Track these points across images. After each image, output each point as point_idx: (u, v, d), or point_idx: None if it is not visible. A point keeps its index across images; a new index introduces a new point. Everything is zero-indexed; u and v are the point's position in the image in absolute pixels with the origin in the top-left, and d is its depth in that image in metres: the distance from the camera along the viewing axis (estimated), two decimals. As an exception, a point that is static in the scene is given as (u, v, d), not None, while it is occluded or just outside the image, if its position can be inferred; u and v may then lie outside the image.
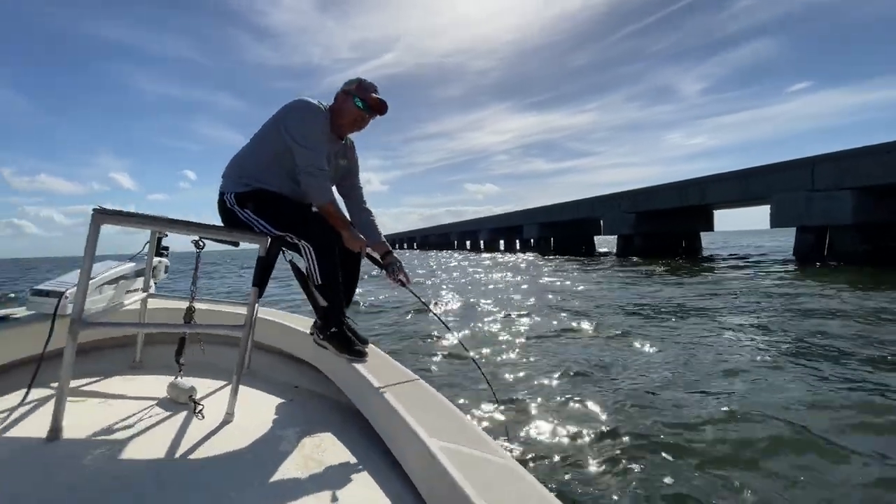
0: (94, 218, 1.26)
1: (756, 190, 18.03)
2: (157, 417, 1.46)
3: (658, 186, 22.92)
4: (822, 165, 15.52)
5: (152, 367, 1.97)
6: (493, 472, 1.03)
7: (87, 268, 1.27)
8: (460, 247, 55.13)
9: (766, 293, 8.17)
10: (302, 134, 1.71)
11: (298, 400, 1.81)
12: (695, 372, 3.72)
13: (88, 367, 1.84)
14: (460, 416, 1.34)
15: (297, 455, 1.30)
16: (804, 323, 5.48)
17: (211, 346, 2.12)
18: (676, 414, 2.89)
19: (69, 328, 1.24)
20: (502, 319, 6.39)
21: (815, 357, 4.01)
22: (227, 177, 1.81)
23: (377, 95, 1.85)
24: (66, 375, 1.25)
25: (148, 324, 2.00)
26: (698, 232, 25.33)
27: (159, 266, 2.22)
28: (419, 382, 1.58)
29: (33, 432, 1.26)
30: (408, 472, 1.21)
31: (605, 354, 4.35)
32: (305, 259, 1.71)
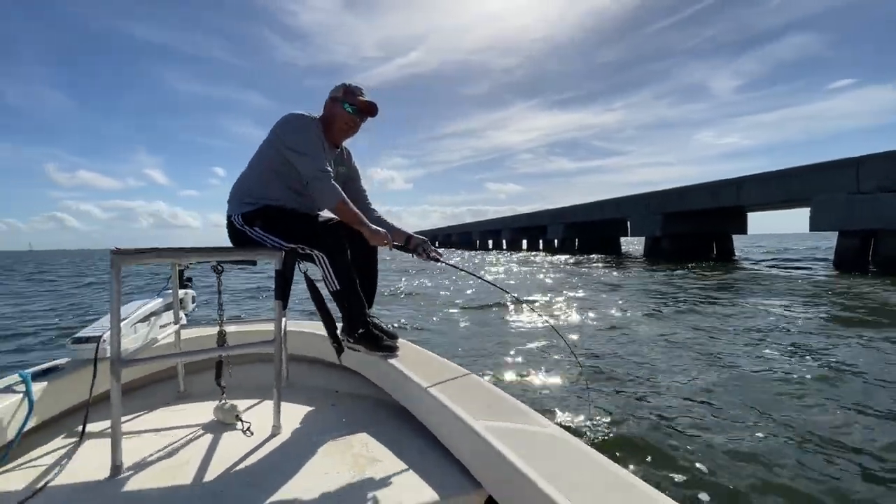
0: (114, 260, 1.31)
1: (795, 191, 17.21)
2: (209, 441, 1.52)
3: (689, 187, 22.16)
4: (867, 165, 14.67)
5: (196, 395, 2.05)
6: (543, 443, 1.05)
7: (116, 308, 1.32)
8: (482, 246, 54.77)
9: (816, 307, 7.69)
10: (298, 142, 1.73)
11: (340, 404, 1.89)
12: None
13: (136, 405, 1.92)
14: (501, 394, 1.37)
15: (348, 455, 1.36)
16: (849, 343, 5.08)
17: (247, 366, 2.22)
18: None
19: (111, 368, 1.31)
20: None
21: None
22: (231, 201, 1.84)
23: (364, 98, 1.88)
24: (117, 413, 1.31)
25: (183, 353, 2.04)
26: (731, 234, 24.45)
27: (186, 298, 2.30)
28: (454, 367, 1.64)
29: (94, 472, 1.32)
30: (458, 456, 1.24)
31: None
32: (320, 267, 1.73)
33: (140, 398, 2.02)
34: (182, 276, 2.18)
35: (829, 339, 4.84)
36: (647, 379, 3.60)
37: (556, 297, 8.62)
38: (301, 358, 2.28)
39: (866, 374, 3.59)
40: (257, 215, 1.78)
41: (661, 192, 23.94)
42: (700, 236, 23.02)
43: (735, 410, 2.95)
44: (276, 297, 1.62)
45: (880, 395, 3.15)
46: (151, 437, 1.59)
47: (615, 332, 5.37)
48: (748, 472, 2.26)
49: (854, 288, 9.22)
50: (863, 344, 4.59)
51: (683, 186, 22.55)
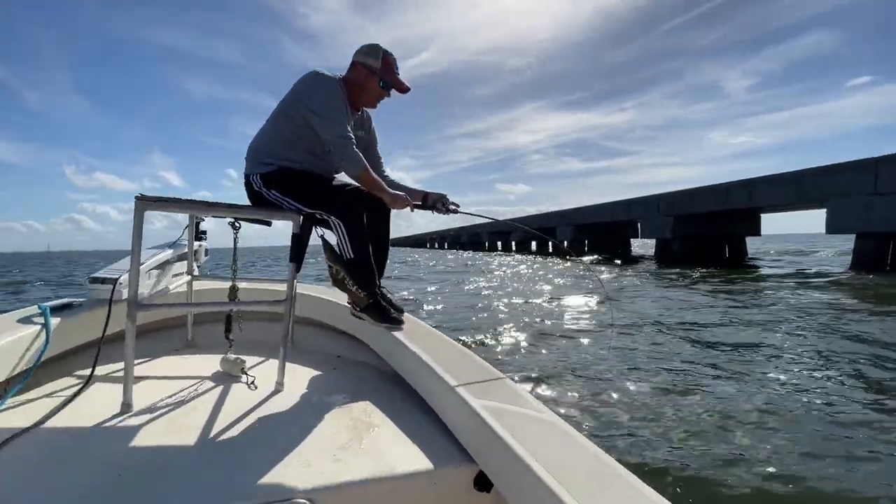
0: (137, 205, 1.34)
1: (810, 192, 16.70)
2: (215, 389, 1.57)
3: (700, 188, 21.68)
4: (886, 166, 14.16)
5: (204, 346, 2.07)
6: (537, 427, 1.07)
7: (137, 252, 1.34)
8: (491, 248, 54.47)
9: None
10: (320, 104, 1.67)
11: (342, 369, 1.93)
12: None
13: (145, 349, 1.94)
14: (500, 376, 1.39)
15: (347, 419, 1.39)
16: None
17: (256, 323, 2.25)
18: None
19: (128, 310, 1.34)
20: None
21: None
22: (249, 159, 1.81)
23: (403, 80, 1.83)
24: (131, 353, 1.36)
25: (196, 303, 2.10)
26: (744, 237, 23.89)
27: (199, 250, 2.33)
28: (455, 345, 1.66)
29: (104, 409, 1.37)
30: (453, 430, 1.27)
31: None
32: (336, 234, 1.72)
33: (149, 343, 2.05)
34: (198, 228, 2.23)
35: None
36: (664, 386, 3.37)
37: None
38: (307, 321, 2.32)
39: None
40: (274, 177, 1.75)
41: (671, 193, 23.47)
42: (712, 238, 22.51)
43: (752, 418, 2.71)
44: (290, 259, 1.66)
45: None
46: (159, 382, 1.64)
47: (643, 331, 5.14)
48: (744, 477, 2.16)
49: (875, 289, 8.82)
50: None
51: (694, 188, 22.07)
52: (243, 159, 1.87)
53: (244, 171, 1.82)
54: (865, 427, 2.83)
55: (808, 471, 2.32)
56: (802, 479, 2.25)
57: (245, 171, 1.81)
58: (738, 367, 4.21)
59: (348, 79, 1.79)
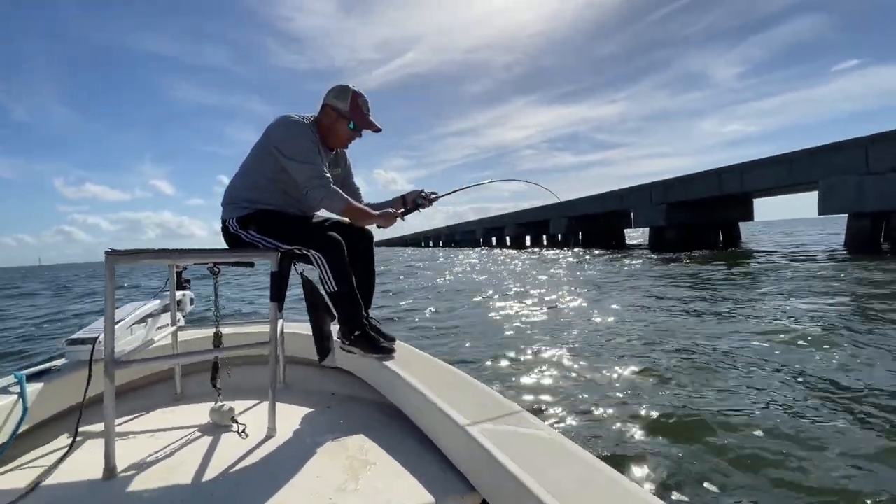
0: (108, 260, 1.30)
1: (801, 175, 16.64)
2: (204, 442, 1.52)
3: (691, 175, 21.60)
4: (877, 145, 14.11)
5: (193, 397, 2.03)
6: (540, 448, 1.04)
7: (111, 310, 1.30)
8: (486, 244, 54.34)
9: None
10: (294, 150, 1.69)
11: (336, 406, 1.89)
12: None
13: (133, 406, 1.91)
14: (499, 398, 1.35)
15: (342, 458, 1.36)
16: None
17: (245, 368, 2.21)
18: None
19: (104, 370, 1.30)
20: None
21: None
22: (226, 205, 1.81)
23: (374, 120, 1.85)
24: (111, 415, 1.30)
25: (177, 354, 2.04)
26: (737, 222, 23.87)
27: (184, 299, 2.28)
28: (452, 370, 1.63)
29: (89, 474, 1.30)
30: (451, 459, 1.24)
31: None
32: (318, 268, 1.71)
33: (137, 400, 2.02)
34: (180, 277, 2.20)
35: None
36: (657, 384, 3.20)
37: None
38: (298, 360, 2.28)
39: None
40: (251, 219, 1.76)
41: (663, 181, 23.39)
42: (705, 225, 22.48)
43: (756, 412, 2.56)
44: (271, 298, 1.61)
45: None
46: (146, 439, 1.58)
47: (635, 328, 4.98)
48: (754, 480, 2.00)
49: (869, 271, 8.72)
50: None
51: (686, 175, 22.01)
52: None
53: (221, 217, 1.83)
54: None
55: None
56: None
57: (222, 216, 1.83)
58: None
59: (320, 120, 1.82)
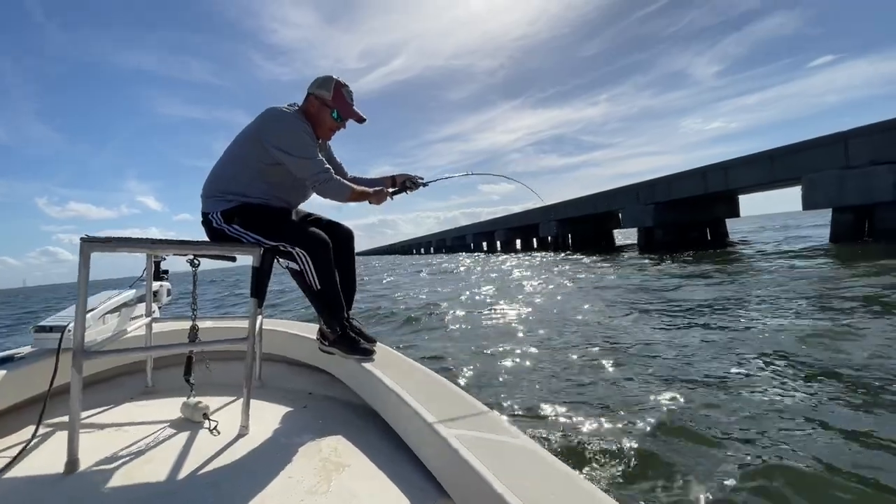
0: (83, 247, 1.26)
1: (784, 171, 16.89)
2: (173, 438, 1.47)
3: (676, 174, 21.82)
4: (856, 140, 14.37)
5: (165, 391, 1.97)
6: (513, 455, 1.04)
7: (83, 297, 1.27)
8: (477, 248, 54.37)
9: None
10: (294, 145, 1.67)
11: (313, 406, 1.85)
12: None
13: (102, 397, 1.86)
14: (475, 404, 1.35)
15: (315, 459, 1.33)
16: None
17: (221, 363, 2.15)
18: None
19: (72, 360, 1.26)
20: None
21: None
22: (208, 196, 1.76)
23: (358, 110, 1.83)
24: (76, 407, 1.26)
25: (151, 347, 1.99)
26: (723, 219, 24.13)
27: (161, 290, 2.23)
28: (430, 374, 1.62)
29: (50, 467, 1.26)
30: (426, 464, 1.23)
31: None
32: (301, 265, 1.69)
33: (106, 391, 1.97)
34: (158, 268, 2.16)
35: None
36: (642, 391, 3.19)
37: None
38: (276, 358, 2.23)
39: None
40: (236, 213, 1.71)
41: (649, 181, 23.61)
42: (693, 223, 22.70)
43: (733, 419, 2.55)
44: (251, 294, 1.59)
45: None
46: (113, 433, 1.53)
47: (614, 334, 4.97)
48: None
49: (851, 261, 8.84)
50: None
51: (671, 174, 22.23)
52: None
53: (202, 209, 1.77)
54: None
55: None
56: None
57: (203, 209, 1.77)
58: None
59: (306, 110, 1.80)
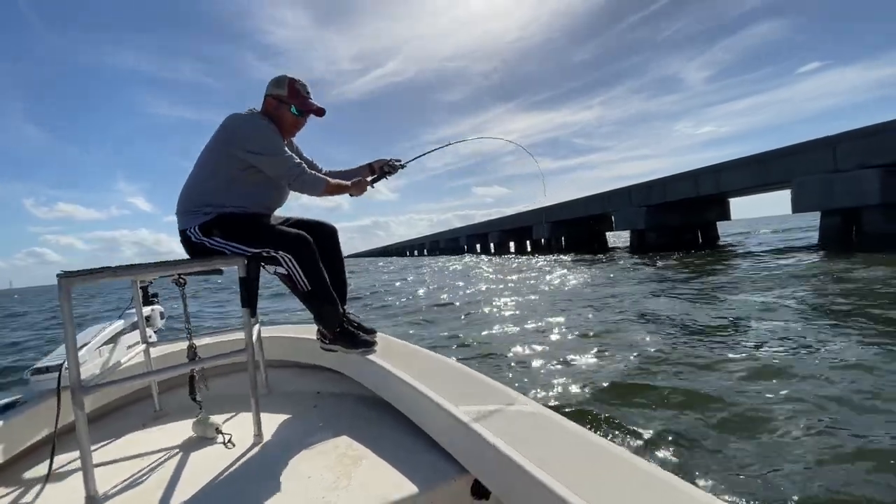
0: (61, 283, 1.25)
1: (774, 174, 17.14)
2: (189, 457, 1.49)
3: (668, 177, 22.07)
4: (844, 144, 14.63)
5: (174, 413, 1.99)
6: (526, 423, 1.05)
7: (71, 334, 1.26)
8: (471, 250, 54.43)
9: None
10: (261, 145, 1.68)
11: (322, 405, 1.88)
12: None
13: (112, 428, 1.87)
14: (481, 378, 1.37)
15: (332, 456, 1.36)
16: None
17: (225, 377, 2.18)
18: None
19: (72, 397, 1.26)
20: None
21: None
22: (183, 213, 1.74)
23: (314, 101, 1.83)
24: (85, 443, 1.26)
25: (150, 372, 1.96)
26: (714, 222, 24.40)
27: (153, 314, 2.23)
28: (433, 356, 1.65)
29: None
30: (441, 443, 1.25)
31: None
32: (287, 269, 1.69)
33: (115, 421, 1.97)
34: (147, 293, 2.16)
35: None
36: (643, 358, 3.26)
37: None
38: (279, 363, 2.25)
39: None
40: (214, 224, 1.70)
41: (642, 184, 23.84)
42: (684, 226, 22.93)
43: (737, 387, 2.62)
44: (242, 304, 1.59)
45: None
46: (128, 462, 1.53)
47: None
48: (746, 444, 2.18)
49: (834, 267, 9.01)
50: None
51: (663, 177, 22.47)
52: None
53: (178, 226, 1.75)
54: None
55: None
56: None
57: (180, 226, 1.75)
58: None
59: (266, 112, 1.81)
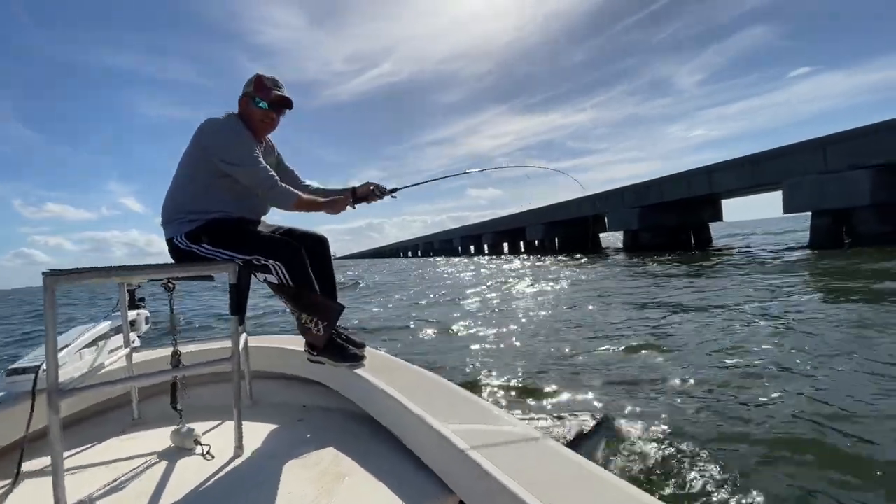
0: (47, 282, 1.22)
1: (765, 175, 17.23)
2: (165, 468, 1.44)
3: (661, 178, 22.15)
4: (834, 146, 14.73)
5: (153, 421, 1.92)
6: (512, 443, 1.05)
7: (52, 335, 1.23)
8: (464, 252, 54.41)
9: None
10: (234, 154, 1.65)
11: (308, 418, 1.84)
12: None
13: (87, 435, 1.81)
14: (469, 397, 1.36)
15: (314, 472, 1.32)
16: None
17: (209, 387, 2.14)
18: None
19: (48, 400, 1.22)
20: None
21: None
22: (169, 222, 1.72)
23: (280, 91, 1.78)
24: (58, 449, 1.21)
25: (131, 378, 1.91)
26: (707, 223, 24.51)
27: (138, 319, 2.18)
28: (423, 373, 1.62)
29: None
30: (426, 462, 1.23)
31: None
32: (278, 277, 1.66)
33: (91, 428, 1.91)
34: (133, 296, 2.12)
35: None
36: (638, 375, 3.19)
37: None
38: (265, 374, 2.20)
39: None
40: (202, 231, 1.67)
41: (635, 185, 23.92)
42: (677, 227, 23.01)
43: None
44: (231, 312, 1.55)
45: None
46: (101, 470, 1.48)
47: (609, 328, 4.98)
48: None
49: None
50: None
51: (656, 178, 22.55)
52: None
53: (165, 235, 1.73)
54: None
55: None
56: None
57: (166, 235, 1.72)
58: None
59: (241, 113, 1.79)
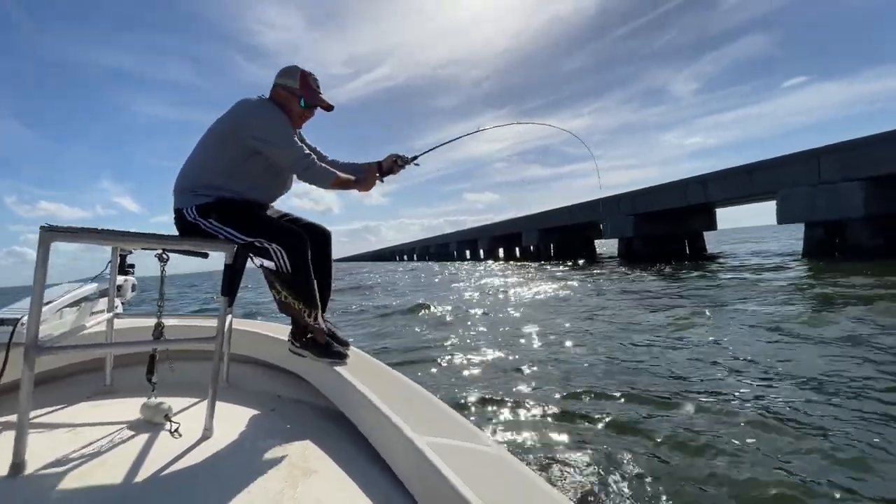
0: (43, 236, 1.22)
1: (759, 185, 17.26)
2: (131, 441, 1.40)
3: (657, 186, 22.16)
4: (828, 157, 14.76)
5: (125, 390, 1.87)
6: (482, 463, 1.05)
7: (39, 289, 1.22)
8: (460, 256, 54.34)
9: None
10: (271, 133, 1.66)
11: (281, 409, 1.81)
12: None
13: (56, 396, 1.77)
14: (447, 410, 1.36)
15: (282, 464, 1.29)
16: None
17: (186, 363, 2.11)
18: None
19: (24, 355, 1.20)
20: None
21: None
22: (182, 191, 1.71)
23: (324, 97, 1.82)
24: (26, 405, 1.20)
25: (111, 343, 1.89)
26: (701, 232, 24.54)
27: (125, 285, 2.16)
28: (403, 380, 1.62)
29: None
30: (395, 471, 1.22)
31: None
32: (276, 262, 1.66)
33: (61, 389, 1.89)
34: (124, 262, 2.09)
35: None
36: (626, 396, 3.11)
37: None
38: (244, 358, 2.17)
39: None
40: (213, 207, 1.67)
41: (630, 193, 23.92)
42: (672, 235, 23.02)
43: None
44: (222, 292, 1.55)
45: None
46: (65, 433, 1.44)
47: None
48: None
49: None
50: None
51: (651, 187, 22.56)
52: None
53: (174, 205, 1.72)
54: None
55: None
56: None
57: (176, 205, 1.71)
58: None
59: (275, 103, 1.77)
